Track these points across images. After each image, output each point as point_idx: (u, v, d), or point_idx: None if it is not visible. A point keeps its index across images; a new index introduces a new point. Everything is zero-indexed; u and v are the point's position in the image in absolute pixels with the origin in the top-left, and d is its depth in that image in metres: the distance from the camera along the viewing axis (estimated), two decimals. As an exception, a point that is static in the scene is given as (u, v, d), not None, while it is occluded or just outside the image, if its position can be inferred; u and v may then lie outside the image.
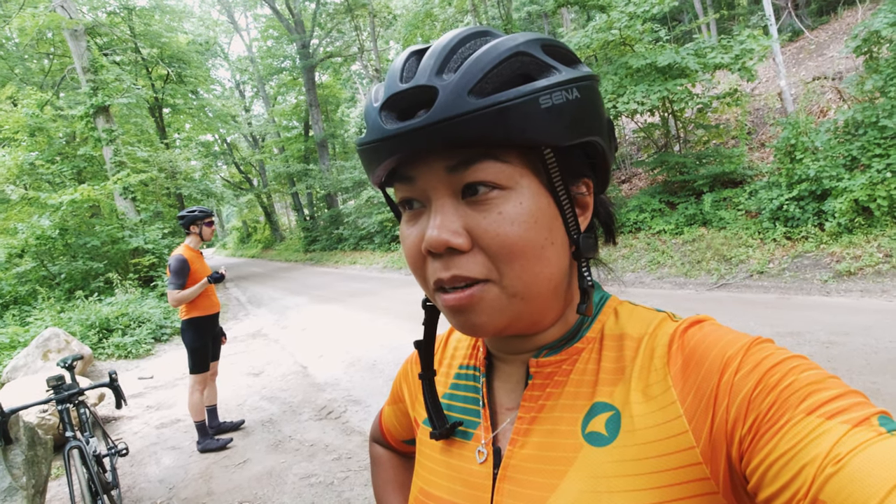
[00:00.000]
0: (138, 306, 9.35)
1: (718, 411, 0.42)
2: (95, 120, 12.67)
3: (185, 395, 4.23)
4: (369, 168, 0.50)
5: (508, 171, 0.47)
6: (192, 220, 4.10)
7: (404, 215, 0.52)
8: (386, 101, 0.47)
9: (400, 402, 0.76)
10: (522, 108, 0.44)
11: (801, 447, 0.37)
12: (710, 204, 8.03)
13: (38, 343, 5.88)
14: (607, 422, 0.48)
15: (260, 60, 28.77)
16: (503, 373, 0.59)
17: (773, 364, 0.42)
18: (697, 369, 0.45)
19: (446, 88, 0.44)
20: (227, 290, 15.13)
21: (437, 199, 0.47)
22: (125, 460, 4.07)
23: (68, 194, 10.92)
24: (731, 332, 0.47)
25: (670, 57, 7.77)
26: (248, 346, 7.60)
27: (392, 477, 0.81)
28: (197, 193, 18.72)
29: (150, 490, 3.59)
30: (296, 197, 26.83)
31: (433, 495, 0.58)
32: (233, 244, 46.24)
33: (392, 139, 0.45)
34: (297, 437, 4.13)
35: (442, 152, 0.46)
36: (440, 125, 0.43)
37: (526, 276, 0.47)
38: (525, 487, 0.50)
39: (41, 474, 2.76)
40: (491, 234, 0.46)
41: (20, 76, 16.86)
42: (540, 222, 0.48)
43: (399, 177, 0.49)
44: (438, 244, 0.46)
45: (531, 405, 0.53)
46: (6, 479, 2.39)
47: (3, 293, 9.71)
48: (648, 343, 0.50)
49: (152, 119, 20.78)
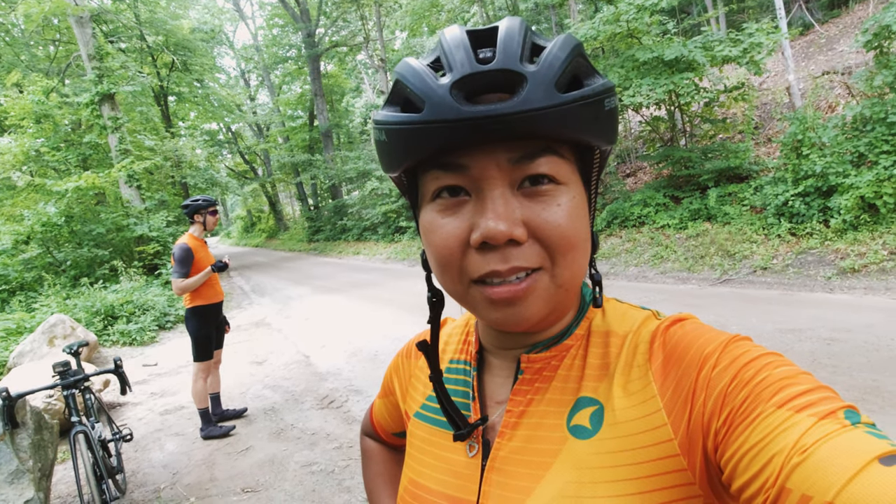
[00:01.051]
0: (143, 294, 9.41)
1: (696, 405, 0.44)
2: (101, 107, 12.68)
3: (189, 383, 4.27)
4: (406, 150, 0.47)
5: (566, 168, 0.48)
6: (196, 209, 4.12)
7: (436, 203, 0.49)
8: (460, 79, 0.44)
9: (391, 394, 0.76)
10: (594, 108, 0.46)
11: (771, 438, 0.38)
12: (715, 199, 8.00)
13: (43, 329, 5.93)
14: (591, 416, 0.50)
15: (265, 49, 28.66)
16: (494, 367, 0.60)
17: (748, 360, 0.43)
18: (678, 365, 0.47)
19: (535, 77, 0.43)
20: (230, 280, 15.20)
21: (493, 189, 0.46)
22: (129, 446, 4.12)
23: (73, 181, 10.97)
24: (711, 330, 0.49)
25: (678, 50, 7.70)
26: (252, 335, 7.65)
27: (383, 470, 0.82)
28: (202, 182, 18.76)
29: (153, 475, 3.64)
30: (300, 187, 26.83)
31: (423, 486, 0.59)
32: (237, 233, 46.34)
33: (467, 122, 0.43)
34: (298, 425, 4.17)
35: (508, 142, 0.45)
36: (528, 114, 0.42)
37: (574, 267, 0.48)
38: (512, 478, 0.51)
39: (47, 458, 2.80)
40: (552, 226, 0.46)
41: (26, 63, 16.86)
42: (584, 217, 0.50)
43: (446, 164, 0.47)
44: (501, 236, 0.45)
45: (520, 399, 0.54)
46: (13, 462, 2.43)
47: (10, 279, 9.78)
48: (632, 340, 0.52)
49: (157, 107, 20.77)
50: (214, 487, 3.36)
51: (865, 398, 3.19)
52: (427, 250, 0.52)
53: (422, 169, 0.50)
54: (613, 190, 10.04)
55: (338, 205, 22.04)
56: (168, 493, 3.36)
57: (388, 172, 0.52)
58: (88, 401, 3.11)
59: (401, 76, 0.47)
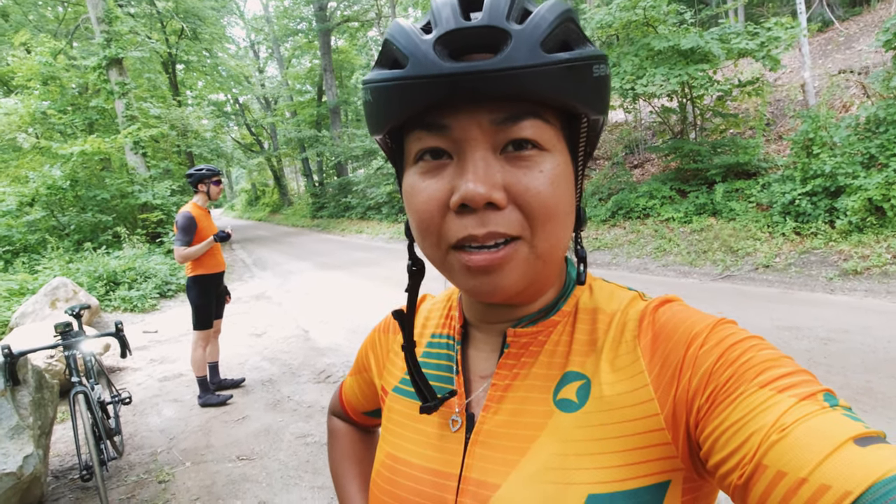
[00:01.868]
0: (145, 261, 9.46)
1: (682, 381, 0.45)
2: (108, 72, 12.58)
3: (189, 351, 4.32)
4: (389, 108, 0.46)
5: (550, 133, 0.46)
6: (200, 179, 4.12)
7: (418, 166, 0.48)
8: (444, 35, 0.43)
9: (365, 371, 0.74)
10: (582, 72, 0.45)
11: (752, 416, 0.39)
12: (721, 194, 7.96)
13: (46, 291, 5.98)
14: (578, 390, 0.50)
15: (276, 21, 28.29)
16: (478, 341, 0.59)
17: (734, 341, 0.44)
18: (666, 343, 0.48)
19: (521, 35, 0.42)
20: (233, 252, 15.25)
21: (475, 151, 0.45)
22: (128, 409, 4.18)
23: (79, 145, 10.94)
24: (698, 312, 0.50)
25: (694, 40, 7.59)
26: (252, 308, 7.71)
27: (350, 450, 0.81)
28: (207, 153, 18.70)
29: (151, 439, 3.70)
30: (306, 163, 26.73)
31: (402, 459, 0.58)
32: (241, 206, 46.36)
33: (448, 78, 0.42)
34: (295, 397, 4.22)
35: (492, 103, 0.44)
36: (510, 73, 0.41)
37: (553, 238, 0.47)
38: (497, 451, 0.51)
39: (47, 416, 2.85)
40: (532, 192, 0.45)
41: (34, 23, 16.72)
42: (569, 188, 0.49)
43: (428, 124, 0.46)
44: (479, 198, 0.44)
45: (505, 373, 0.54)
46: (13, 418, 2.47)
47: (14, 241, 9.83)
48: (620, 318, 0.52)
49: (165, 75, 20.60)
50: (210, 454, 3.42)
51: (858, 398, 3.21)
52: (408, 214, 0.51)
53: (406, 130, 0.49)
54: (620, 180, 9.98)
55: (343, 182, 21.99)
56: (164, 457, 3.42)
57: (373, 135, 0.51)
58: (89, 362, 3.15)
59: (389, 36, 0.47)
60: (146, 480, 3.14)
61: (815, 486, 0.34)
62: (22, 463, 2.36)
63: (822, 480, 0.34)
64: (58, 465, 3.39)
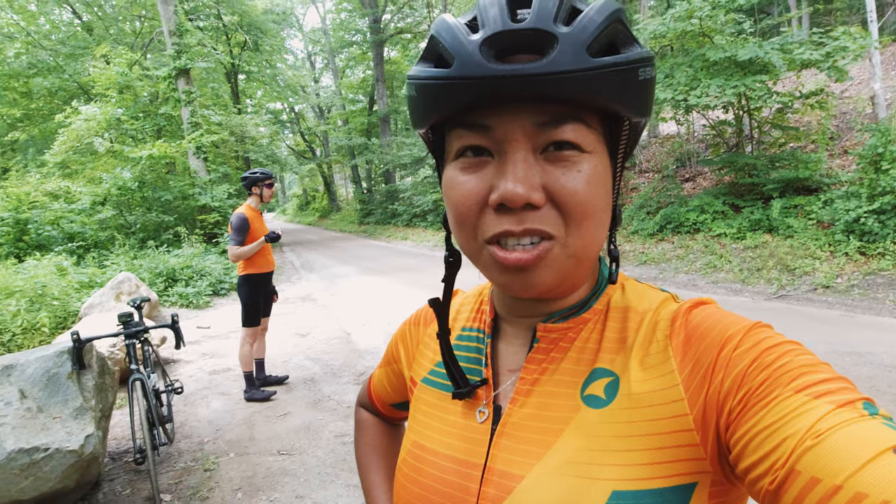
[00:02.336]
0: (201, 260, 9.94)
1: (714, 382, 0.44)
2: (177, 81, 13.40)
3: (237, 347, 4.52)
4: (433, 106, 0.47)
5: (591, 137, 0.47)
6: (253, 182, 4.32)
7: (458, 162, 0.49)
8: (491, 36, 0.43)
9: (394, 362, 0.75)
10: (627, 76, 0.45)
11: (785, 421, 0.38)
12: (778, 210, 7.60)
13: (112, 285, 6.40)
14: (606, 386, 0.50)
15: (332, 33, 29.27)
16: (508, 335, 0.59)
17: (770, 345, 0.43)
18: (699, 343, 0.47)
19: (567, 39, 0.42)
20: (283, 254, 15.77)
21: (516, 151, 0.45)
22: (180, 399, 4.40)
23: (147, 149, 11.67)
24: (732, 314, 0.49)
25: (752, 51, 7.32)
26: (298, 309, 7.95)
27: (376, 441, 0.82)
28: (263, 158, 19.51)
29: (199, 428, 3.88)
30: (355, 170, 27.41)
31: (427, 448, 0.59)
32: (292, 210, 47.89)
33: (493, 80, 0.42)
34: (335, 397, 4.33)
35: (535, 105, 0.44)
36: (555, 77, 0.42)
37: (587, 237, 0.48)
38: (522, 444, 0.52)
39: (107, 400, 3.05)
40: (570, 192, 0.46)
41: (114, 36, 18.00)
42: (606, 188, 0.49)
43: (470, 123, 0.47)
44: (519, 199, 0.44)
45: (534, 367, 0.54)
46: (78, 399, 2.67)
47: (86, 237, 10.56)
48: (652, 317, 0.52)
49: (228, 85, 21.69)
50: (253, 446, 3.56)
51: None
52: (446, 207, 0.52)
53: (448, 126, 0.50)
54: (669, 194, 9.70)
55: (390, 190, 22.38)
56: (210, 446, 3.59)
57: (416, 128, 0.53)
58: (146, 352, 3.36)
59: (435, 32, 0.47)
60: (193, 468, 3.30)
61: (851, 493, 0.33)
62: (83, 442, 2.54)
63: (859, 488, 0.33)
64: (115, 447, 3.61)
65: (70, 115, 12.66)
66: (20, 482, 2.37)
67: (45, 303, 6.48)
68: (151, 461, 2.78)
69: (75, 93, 17.09)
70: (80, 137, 12.71)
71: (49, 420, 2.54)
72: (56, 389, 2.65)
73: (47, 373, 2.66)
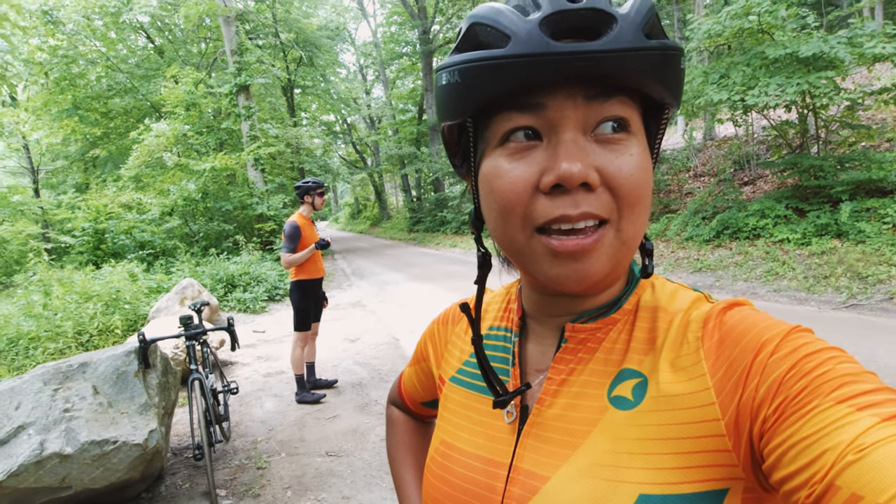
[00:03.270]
0: (258, 267, 10.40)
1: (748, 389, 0.42)
2: (237, 97, 14.15)
3: (289, 350, 4.69)
4: (485, 87, 0.45)
5: (636, 117, 0.47)
6: (306, 191, 4.50)
7: (504, 148, 0.48)
8: (550, 15, 0.43)
9: (424, 361, 0.76)
10: (673, 61, 0.46)
11: (825, 433, 0.36)
12: (848, 214, 7.11)
13: (177, 290, 6.80)
14: (634, 388, 0.49)
15: (383, 45, 30.00)
16: (536, 334, 0.59)
17: (810, 351, 0.41)
18: (732, 347, 0.45)
19: (626, 19, 0.43)
20: (334, 261, 16.22)
21: (567, 131, 0.45)
22: (235, 399, 4.62)
23: (210, 162, 12.37)
24: (770, 317, 0.47)
25: (816, 46, 6.92)
26: (349, 314, 8.15)
27: (406, 439, 0.83)
28: (317, 169, 20.21)
29: (253, 428, 4.06)
30: (405, 178, 27.84)
31: (456, 447, 0.59)
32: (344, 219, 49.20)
33: (556, 57, 0.42)
34: (382, 402, 4.41)
35: (589, 83, 0.44)
36: (619, 55, 0.42)
37: (638, 223, 0.47)
38: (548, 444, 0.51)
39: (170, 399, 3.26)
40: (625, 174, 0.45)
41: (182, 58, 19.21)
42: (651, 175, 0.49)
43: (523, 104, 0.46)
44: (577, 177, 0.44)
45: (562, 367, 0.54)
46: (143, 397, 2.87)
47: (155, 245, 11.29)
48: (683, 318, 0.50)
49: (284, 99, 22.65)
50: (303, 447, 3.68)
51: None
52: (488, 198, 0.50)
53: (493, 111, 0.48)
54: (726, 198, 9.28)
55: (439, 198, 22.58)
56: (263, 445, 3.74)
57: (450, 119, 0.51)
58: (206, 353, 3.55)
59: (480, 18, 0.47)
60: (246, 465, 3.46)
61: None
62: (147, 436, 2.72)
63: None
64: (176, 443, 3.83)
65: (143, 132, 13.62)
66: (92, 471, 2.57)
67: (119, 306, 6.99)
68: (208, 458, 2.93)
69: (148, 111, 18.36)
70: (152, 152, 13.63)
71: (118, 415, 2.74)
72: (124, 386, 2.86)
73: (117, 371, 2.88)
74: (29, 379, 2.72)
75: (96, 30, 16.65)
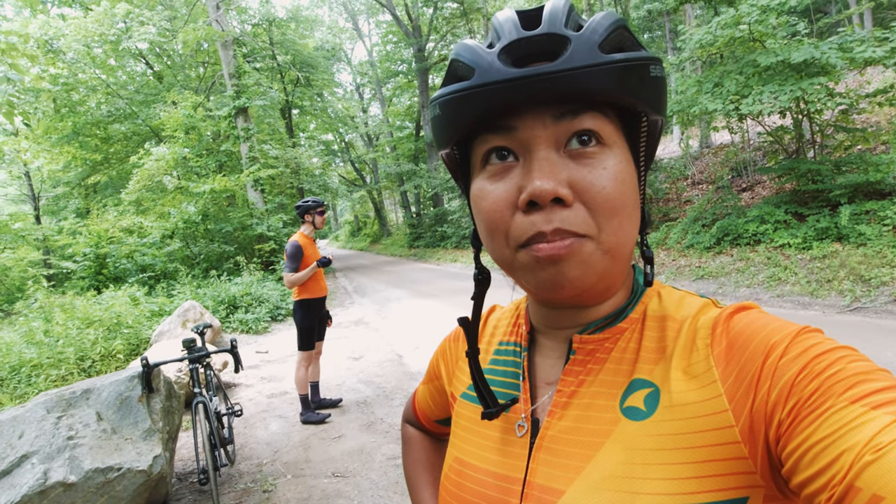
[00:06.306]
0: (260, 287, 10.38)
1: (759, 393, 0.42)
2: (236, 119, 14.27)
3: (293, 370, 4.67)
4: (457, 119, 0.49)
5: (610, 129, 0.48)
6: (306, 210, 4.52)
7: (486, 171, 0.50)
8: (507, 45, 0.46)
9: (436, 379, 0.76)
10: (639, 72, 0.47)
11: (841, 434, 0.36)
12: (848, 217, 7.12)
13: (179, 313, 6.79)
14: (646, 398, 0.49)
15: (379, 64, 30.36)
16: (545, 348, 0.59)
17: (820, 352, 0.41)
18: (741, 352, 0.45)
19: (579, 40, 0.45)
20: (336, 280, 16.21)
21: (540, 149, 0.47)
22: (240, 421, 4.58)
23: (209, 184, 12.43)
24: (778, 319, 0.47)
25: (807, 52, 6.99)
26: (351, 332, 8.12)
27: (423, 457, 0.83)
28: (316, 188, 20.26)
29: (258, 450, 4.02)
30: (404, 195, 27.98)
31: (469, 464, 0.59)
32: (344, 237, 49.30)
33: (512, 83, 0.45)
34: (387, 420, 4.37)
35: (554, 102, 0.46)
36: (572, 73, 0.44)
37: (620, 234, 0.48)
38: (561, 457, 0.51)
39: (174, 423, 3.23)
40: (597, 188, 0.46)
41: (181, 82, 19.42)
42: (633, 184, 0.50)
43: (496, 127, 0.48)
44: (546, 194, 0.45)
45: (571, 380, 0.54)
46: (147, 422, 2.84)
47: (156, 268, 11.29)
48: (691, 325, 0.50)
49: (283, 120, 22.83)
50: (308, 468, 3.64)
51: None
52: (476, 219, 0.53)
53: (472, 137, 0.51)
54: (725, 205, 9.30)
55: (439, 213, 22.66)
56: (269, 468, 3.70)
57: (441, 149, 0.54)
58: (209, 376, 3.53)
59: (456, 55, 0.50)
60: (252, 489, 3.41)
61: None
62: (151, 462, 2.70)
63: None
64: (181, 468, 3.79)
65: (143, 156, 13.71)
66: (96, 500, 2.54)
67: (120, 331, 6.96)
68: (213, 482, 2.90)
69: (147, 135, 18.50)
70: (152, 176, 13.71)
71: (122, 441, 2.72)
72: (128, 412, 2.84)
73: (120, 396, 2.86)
74: (32, 407, 2.71)
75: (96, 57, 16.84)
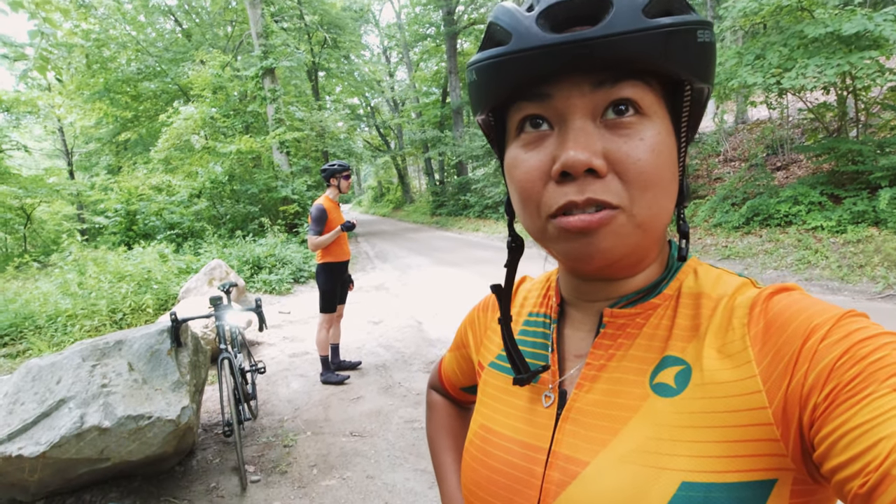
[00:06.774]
0: (283, 249, 10.56)
1: (796, 375, 0.41)
2: (263, 80, 14.23)
3: (315, 332, 4.78)
4: (493, 85, 0.48)
5: (650, 98, 0.46)
6: (332, 173, 4.53)
7: (520, 139, 0.50)
8: (546, 8, 0.45)
9: (463, 347, 0.76)
10: (685, 37, 0.45)
11: (880, 421, 0.35)
12: (887, 201, 6.84)
13: (205, 271, 6.97)
14: (677, 375, 0.48)
15: (407, 27, 29.72)
16: (575, 320, 0.59)
17: (864, 337, 0.40)
18: (780, 333, 0.44)
19: (622, 3, 0.43)
20: (358, 245, 16.35)
21: (576, 118, 0.46)
22: (262, 378, 4.73)
23: (236, 144, 12.52)
24: (821, 302, 0.45)
25: (860, 24, 6.60)
26: (372, 297, 8.24)
27: (446, 423, 0.85)
28: (341, 152, 20.24)
29: (279, 407, 4.16)
30: (428, 162, 27.77)
31: (494, 431, 0.59)
32: (367, 202, 49.43)
33: (550, 48, 0.43)
34: (405, 384, 4.47)
35: (592, 70, 0.44)
36: (613, 39, 0.42)
37: (654, 207, 0.47)
38: (587, 430, 0.51)
39: (200, 377, 3.35)
40: (632, 160, 0.45)
41: (209, 41, 19.38)
42: (671, 158, 0.48)
43: (531, 94, 0.47)
44: (580, 164, 0.44)
45: (601, 353, 0.53)
46: (175, 374, 2.96)
47: (184, 227, 11.54)
48: (727, 303, 0.49)
49: (309, 82, 22.70)
50: (327, 426, 3.77)
51: None
52: (510, 187, 0.52)
53: (508, 105, 0.50)
54: (758, 184, 9.01)
55: (462, 181, 22.49)
56: (289, 424, 3.84)
57: (476, 114, 0.54)
58: (234, 333, 3.64)
59: (493, 17, 0.48)
60: (274, 443, 3.55)
61: None
62: (180, 412, 2.82)
63: None
64: (206, 420, 3.95)
65: (172, 115, 13.84)
66: (129, 444, 2.67)
67: (150, 286, 7.19)
68: (237, 434, 3.02)
69: (176, 94, 18.62)
70: (180, 135, 13.86)
71: (152, 391, 2.84)
72: (158, 364, 2.95)
73: (150, 349, 2.97)
74: (69, 354, 2.84)
75: (126, 13, 16.87)
